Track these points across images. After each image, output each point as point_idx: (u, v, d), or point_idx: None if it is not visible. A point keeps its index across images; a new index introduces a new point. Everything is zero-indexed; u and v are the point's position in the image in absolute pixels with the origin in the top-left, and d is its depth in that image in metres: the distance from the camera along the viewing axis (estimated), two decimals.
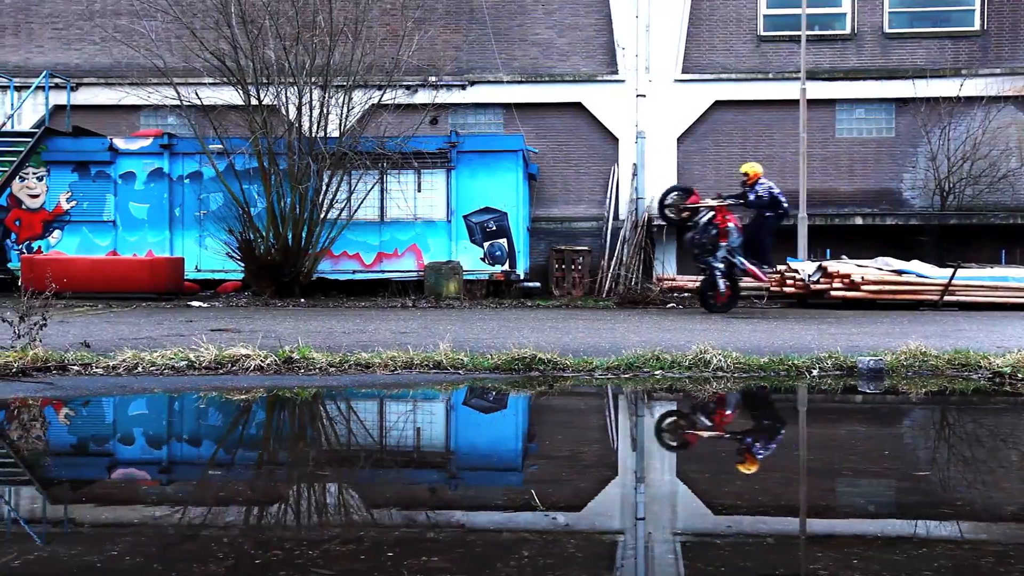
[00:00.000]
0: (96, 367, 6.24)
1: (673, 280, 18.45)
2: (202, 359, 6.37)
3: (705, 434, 5.14)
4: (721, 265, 13.41)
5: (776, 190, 13.64)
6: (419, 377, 6.38)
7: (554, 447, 4.52)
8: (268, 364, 6.34)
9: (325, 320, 11.52)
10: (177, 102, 16.99)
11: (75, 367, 6.21)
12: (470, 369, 6.54)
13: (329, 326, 10.39)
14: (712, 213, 13.47)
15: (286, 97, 16.79)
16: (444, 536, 3.00)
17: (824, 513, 3.44)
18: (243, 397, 5.73)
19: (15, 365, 5.95)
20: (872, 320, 12.11)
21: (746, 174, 13.71)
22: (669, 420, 5.55)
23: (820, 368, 6.59)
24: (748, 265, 13.49)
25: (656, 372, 6.57)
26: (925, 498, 3.57)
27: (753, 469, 4.18)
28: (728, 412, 5.84)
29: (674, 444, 4.87)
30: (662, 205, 14.12)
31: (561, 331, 9.84)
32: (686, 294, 18.09)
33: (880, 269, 15.66)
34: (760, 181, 13.54)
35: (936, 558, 2.77)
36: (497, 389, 6.21)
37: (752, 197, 13.51)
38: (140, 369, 6.24)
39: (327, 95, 16.70)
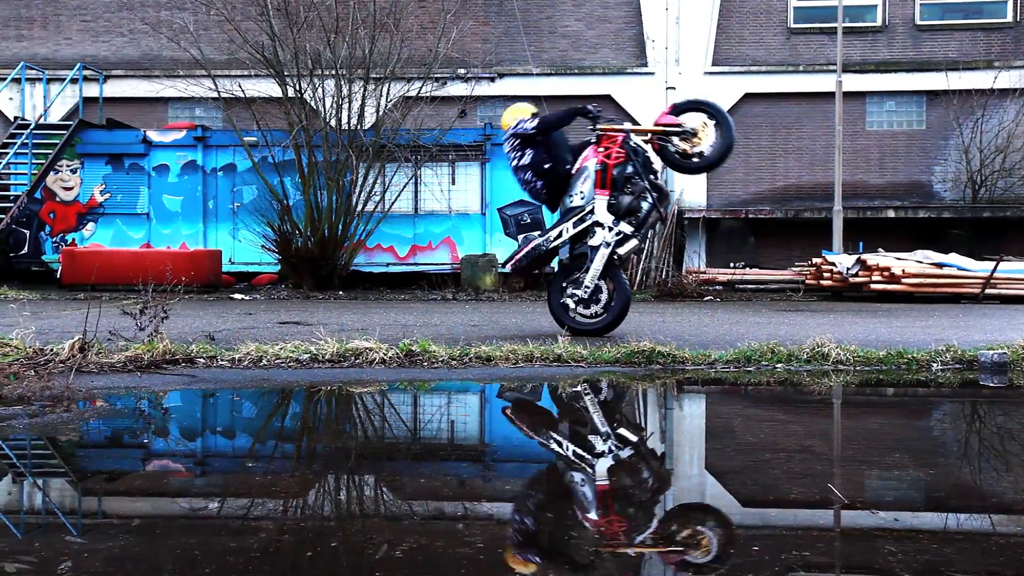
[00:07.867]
0: (221, 359, 6.22)
1: (704, 273, 18.51)
2: (324, 352, 6.35)
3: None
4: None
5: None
6: (544, 371, 6.36)
7: (777, 444, 4.45)
8: (390, 357, 6.32)
9: (383, 312, 11.48)
10: (212, 94, 16.91)
11: (201, 359, 6.18)
12: (591, 363, 6.50)
13: (394, 318, 10.36)
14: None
15: (323, 90, 16.73)
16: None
17: None
18: (382, 389, 5.71)
19: (145, 358, 5.92)
20: (925, 313, 12.13)
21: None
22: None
23: (940, 362, 6.60)
24: None
25: (777, 365, 6.59)
26: None
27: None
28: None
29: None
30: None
31: (627, 323, 9.81)
32: (719, 287, 18.16)
33: (920, 262, 15.70)
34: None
35: None
36: (644, 383, 6.06)
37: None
38: (265, 362, 6.22)
39: (366, 87, 16.65)
